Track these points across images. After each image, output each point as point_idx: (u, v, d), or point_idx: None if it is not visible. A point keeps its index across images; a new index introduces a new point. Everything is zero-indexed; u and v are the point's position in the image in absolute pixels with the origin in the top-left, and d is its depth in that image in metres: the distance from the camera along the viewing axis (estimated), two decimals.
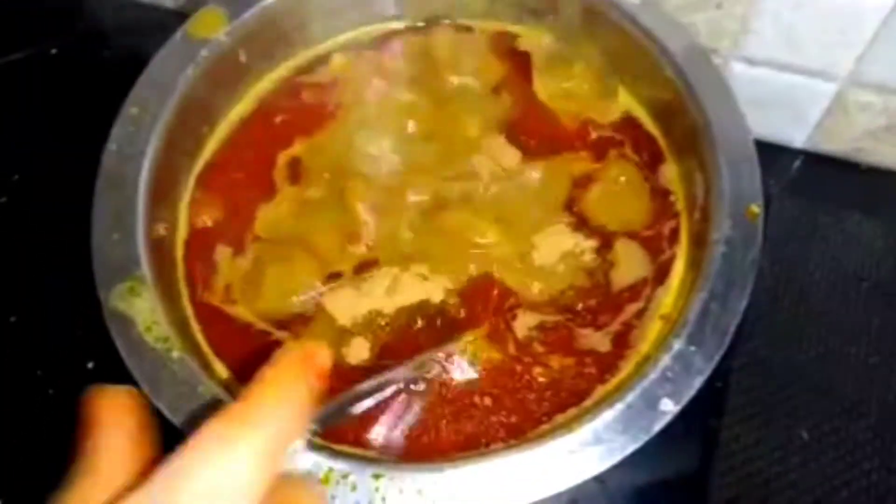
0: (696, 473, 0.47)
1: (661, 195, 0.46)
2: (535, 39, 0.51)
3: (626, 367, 0.40)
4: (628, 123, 0.48)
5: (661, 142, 0.47)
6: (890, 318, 0.52)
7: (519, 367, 0.40)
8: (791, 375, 0.50)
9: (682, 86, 0.43)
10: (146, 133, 0.42)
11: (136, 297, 0.37)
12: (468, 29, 0.52)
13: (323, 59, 0.51)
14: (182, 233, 0.44)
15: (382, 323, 0.41)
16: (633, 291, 0.43)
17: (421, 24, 0.52)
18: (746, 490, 0.47)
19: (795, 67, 0.53)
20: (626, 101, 0.49)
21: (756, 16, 0.50)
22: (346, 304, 0.41)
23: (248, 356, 0.40)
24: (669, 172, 0.46)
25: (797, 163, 0.59)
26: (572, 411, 0.38)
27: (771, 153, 0.59)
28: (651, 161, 0.47)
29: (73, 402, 0.46)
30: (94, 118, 0.53)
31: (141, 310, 0.36)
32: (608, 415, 0.35)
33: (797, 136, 0.58)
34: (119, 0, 0.69)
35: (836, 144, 0.57)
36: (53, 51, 0.66)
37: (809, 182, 0.58)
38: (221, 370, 0.39)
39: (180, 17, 0.66)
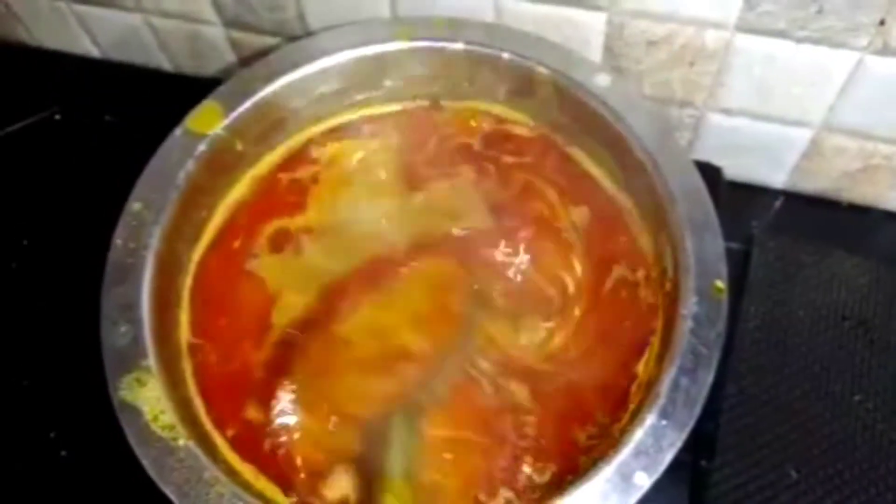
0: None
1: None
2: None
3: None
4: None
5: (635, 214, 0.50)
6: (873, 356, 0.53)
7: None
8: (778, 414, 0.51)
9: (648, 162, 0.46)
10: (149, 227, 0.44)
11: (142, 387, 0.39)
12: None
13: (316, 142, 0.54)
14: (185, 318, 0.46)
15: None
16: None
17: (408, 105, 0.55)
18: None
19: (770, 116, 0.55)
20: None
21: (728, 71, 0.52)
22: None
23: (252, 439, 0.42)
24: (646, 247, 0.48)
25: (778, 202, 0.61)
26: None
27: (752, 194, 0.61)
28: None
29: (84, 464, 0.49)
30: (100, 181, 0.56)
31: (148, 399, 0.39)
32: (584, 490, 0.37)
33: (777, 178, 0.60)
34: (119, 65, 0.72)
35: (815, 184, 0.59)
36: (57, 116, 0.69)
37: (791, 221, 0.60)
38: (228, 453, 0.42)
39: (179, 79, 0.70)
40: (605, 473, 0.37)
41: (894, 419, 0.51)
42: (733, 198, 0.55)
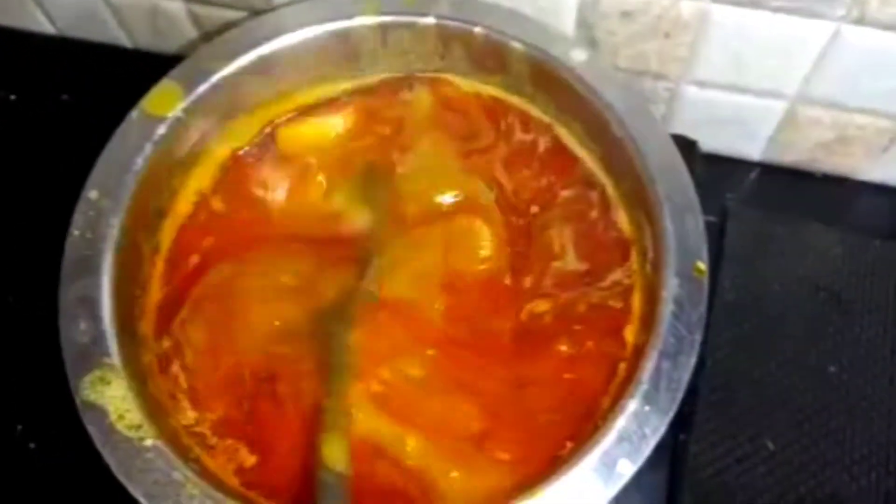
0: (665, 488, 0.48)
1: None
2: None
3: None
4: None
5: (613, 192, 0.49)
6: (846, 327, 0.53)
7: None
8: (754, 387, 0.52)
9: (627, 139, 0.45)
10: (108, 217, 0.42)
11: (106, 385, 0.38)
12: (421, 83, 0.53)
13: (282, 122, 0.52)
14: (151, 311, 0.45)
15: None
16: None
17: (375, 82, 0.53)
18: (719, 501, 0.48)
19: (745, 88, 0.54)
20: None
21: (704, 43, 0.51)
22: None
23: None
24: (622, 223, 0.47)
25: (753, 174, 0.60)
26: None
27: (727, 166, 0.61)
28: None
29: (53, 457, 0.48)
30: (58, 165, 0.54)
31: (112, 398, 0.37)
32: (566, 480, 0.36)
33: (752, 150, 0.59)
34: (76, 42, 0.69)
35: (790, 156, 0.59)
36: (13, 97, 0.66)
37: (766, 193, 0.60)
38: (200, 450, 0.40)
39: (139, 56, 0.67)
40: (589, 462, 0.36)
41: (868, 389, 0.51)
42: (708, 170, 0.55)
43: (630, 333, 0.43)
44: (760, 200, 0.59)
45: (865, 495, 0.49)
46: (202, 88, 0.47)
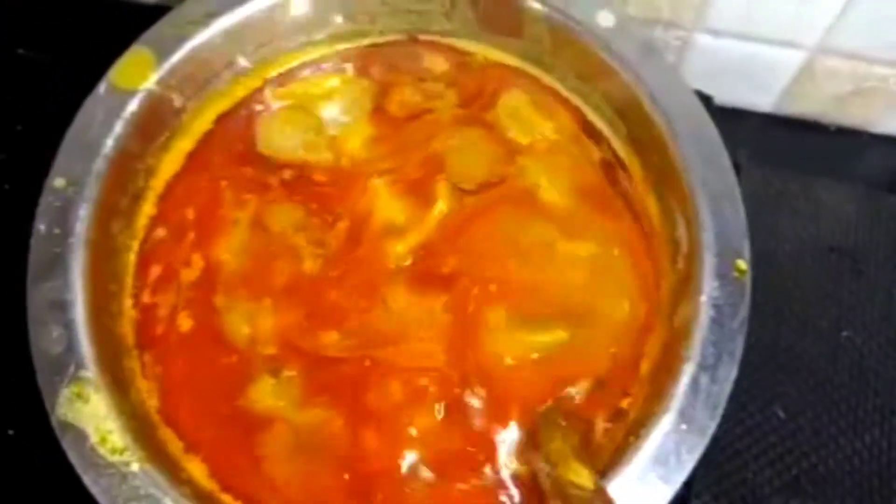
0: None
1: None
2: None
3: None
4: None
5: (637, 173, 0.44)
6: (861, 289, 0.51)
7: None
8: (765, 353, 0.50)
9: (658, 117, 0.41)
10: (76, 208, 0.38)
11: (84, 403, 0.34)
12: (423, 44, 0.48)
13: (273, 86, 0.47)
14: (129, 309, 0.41)
15: None
16: None
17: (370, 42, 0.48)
18: (726, 472, 0.47)
19: (761, 38, 0.51)
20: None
21: None
22: None
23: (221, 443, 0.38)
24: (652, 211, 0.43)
25: (764, 127, 0.58)
26: None
27: (737, 119, 0.58)
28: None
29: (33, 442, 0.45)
30: (20, 139, 0.49)
31: (92, 418, 0.34)
32: None
33: (763, 102, 0.56)
34: None
35: (803, 108, 0.56)
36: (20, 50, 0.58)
37: (777, 146, 0.57)
38: (192, 467, 0.37)
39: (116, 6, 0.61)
40: (619, 487, 0.33)
41: (882, 354, 0.50)
42: (718, 124, 0.52)
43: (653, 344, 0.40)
44: (771, 154, 0.56)
45: (877, 463, 0.48)
46: (179, 54, 0.42)
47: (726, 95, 0.55)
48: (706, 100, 0.51)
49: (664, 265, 0.41)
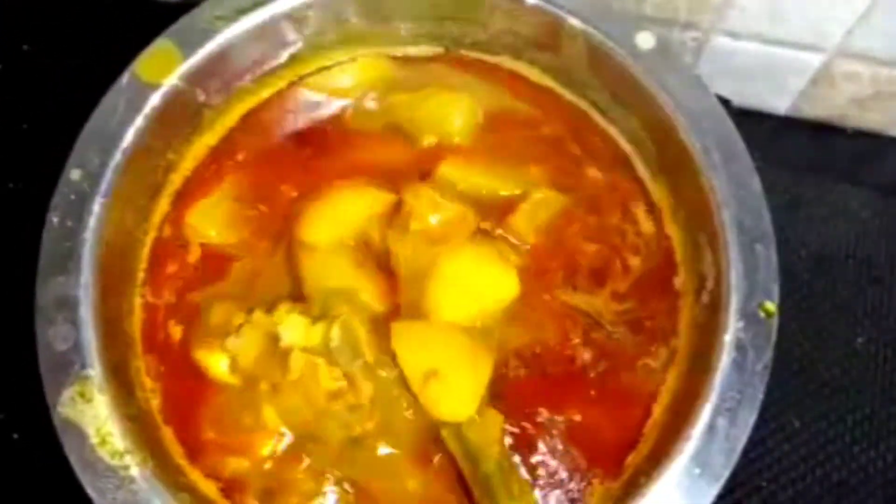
0: None
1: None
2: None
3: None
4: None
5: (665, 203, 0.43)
6: (877, 296, 0.51)
7: None
8: (779, 361, 0.49)
9: (695, 149, 0.39)
10: (91, 201, 0.37)
11: (87, 402, 0.33)
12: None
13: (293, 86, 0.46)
14: (139, 308, 0.40)
15: None
16: None
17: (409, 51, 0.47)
18: (743, 480, 0.47)
19: (780, 40, 0.50)
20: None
21: None
22: None
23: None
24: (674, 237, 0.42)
25: (780, 130, 0.57)
26: None
27: (753, 121, 0.57)
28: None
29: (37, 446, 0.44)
30: (34, 135, 0.48)
31: (93, 418, 0.33)
32: None
33: (780, 104, 0.56)
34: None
35: (820, 111, 0.55)
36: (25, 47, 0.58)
37: (794, 150, 0.56)
38: (192, 471, 0.36)
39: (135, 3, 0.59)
40: None
41: None
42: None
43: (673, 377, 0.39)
44: (787, 157, 0.55)
45: (893, 472, 0.47)
46: (204, 50, 0.40)
47: (743, 97, 0.54)
48: (725, 103, 0.51)
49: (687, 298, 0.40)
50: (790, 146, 0.56)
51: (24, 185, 0.48)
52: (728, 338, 0.35)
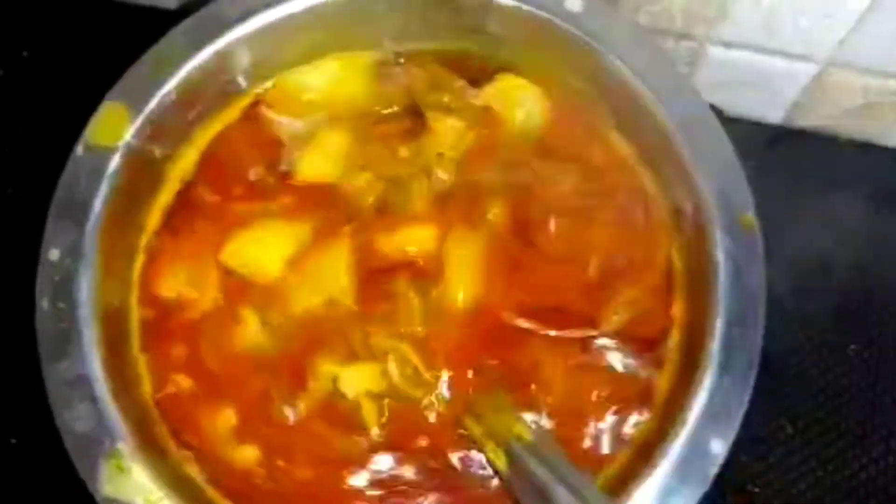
0: None
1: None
2: None
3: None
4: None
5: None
6: (868, 304, 0.51)
7: None
8: (772, 367, 0.50)
9: (648, 94, 0.40)
10: (77, 280, 0.36)
11: (126, 475, 0.33)
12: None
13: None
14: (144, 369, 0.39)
15: None
16: None
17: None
18: (734, 486, 0.47)
19: (773, 50, 0.50)
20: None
21: (735, 1, 0.47)
22: None
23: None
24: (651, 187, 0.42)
25: (773, 139, 0.57)
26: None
27: (746, 130, 0.57)
28: None
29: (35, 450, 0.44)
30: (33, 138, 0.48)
31: (139, 489, 0.33)
32: (663, 469, 0.34)
33: (773, 114, 0.56)
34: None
35: (813, 120, 0.55)
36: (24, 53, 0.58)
37: (786, 159, 0.56)
38: None
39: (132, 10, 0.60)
40: (677, 449, 0.34)
41: (890, 369, 0.50)
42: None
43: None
44: (780, 167, 0.55)
45: (884, 478, 0.48)
46: (154, 102, 0.39)
47: (736, 107, 0.54)
48: (717, 113, 0.51)
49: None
50: (784, 155, 0.56)
51: (23, 190, 0.48)
52: (720, 253, 0.37)
